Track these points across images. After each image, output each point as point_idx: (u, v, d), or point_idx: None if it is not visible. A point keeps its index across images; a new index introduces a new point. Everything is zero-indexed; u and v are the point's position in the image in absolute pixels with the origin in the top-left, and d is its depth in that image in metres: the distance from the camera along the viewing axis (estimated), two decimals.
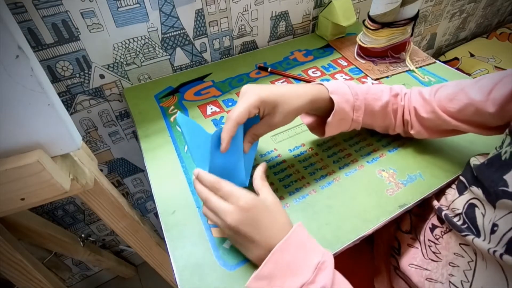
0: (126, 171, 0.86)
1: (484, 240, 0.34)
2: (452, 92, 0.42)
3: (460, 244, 0.39)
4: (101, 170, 0.80)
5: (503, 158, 0.33)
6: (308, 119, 0.49)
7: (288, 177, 0.48)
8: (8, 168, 0.33)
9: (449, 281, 0.39)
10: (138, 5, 0.59)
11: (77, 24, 0.56)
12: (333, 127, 0.45)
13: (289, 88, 0.42)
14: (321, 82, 0.45)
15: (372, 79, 0.67)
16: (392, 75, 0.68)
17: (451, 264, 0.40)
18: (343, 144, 0.52)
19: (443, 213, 0.41)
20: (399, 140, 0.53)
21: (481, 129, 0.41)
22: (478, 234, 0.35)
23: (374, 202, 0.44)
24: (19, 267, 0.53)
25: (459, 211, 0.39)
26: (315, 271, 0.32)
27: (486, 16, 1.44)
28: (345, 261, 0.55)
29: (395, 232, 0.53)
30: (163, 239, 0.43)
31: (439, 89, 0.44)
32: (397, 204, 0.44)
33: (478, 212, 0.36)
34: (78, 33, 0.57)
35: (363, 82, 0.66)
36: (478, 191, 0.37)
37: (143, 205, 1.00)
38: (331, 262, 0.33)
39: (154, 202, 0.66)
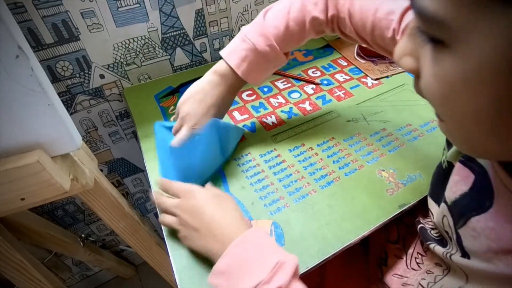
0: (126, 171, 0.86)
1: (448, 248, 0.34)
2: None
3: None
4: (101, 170, 0.80)
5: (443, 167, 0.35)
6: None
7: (288, 177, 0.48)
8: (8, 168, 0.33)
9: (419, 283, 0.40)
10: (138, 5, 0.59)
11: (77, 24, 0.56)
12: (257, 77, 0.45)
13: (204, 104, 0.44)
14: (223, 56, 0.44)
15: (372, 78, 0.67)
16: (392, 75, 0.68)
17: (427, 271, 0.40)
18: (343, 144, 0.52)
19: (419, 226, 0.42)
20: (399, 140, 0.53)
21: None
22: (446, 244, 0.35)
23: (374, 202, 0.44)
24: (19, 267, 0.53)
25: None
26: (273, 270, 0.30)
27: None
28: (340, 266, 0.55)
29: (384, 243, 0.52)
30: (163, 239, 0.43)
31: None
32: (397, 204, 0.44)
33: (432, 223, 0.38)
34: (78, 33, 0.57)
35: (363, 82, 0.66)
36: (429, 200, 0.38)
37: (143, 205, 1.00)
38: (292, 265, 0.32)
39: None
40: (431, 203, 0.38)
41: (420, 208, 0.46)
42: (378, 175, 0.47)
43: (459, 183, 0.31)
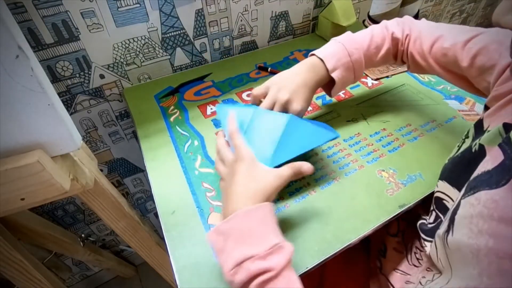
0: (126, 171, 0.86)
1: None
2: (446, 47, 0.43)
3: None
4: (101, 170, 0.80)
5: (473, 150, 0.35)
6: None
7: None
8: (8, 168, 0.33)
9: (419, 281, 0.41)
10: (138, 5, 0.59)
11: (77, 24, 0.56)
12: (338, 92, 0.51)
13: (298, 81, 0.46)
14: (320, 57, 0.48)
15: (372, 79, 0.67)
16: (392, 75, 0.68)
17: (428, 269, 0.41)
18: (343, 144, 0.52)
19: (418, 222, 0.42)
20: (399, 140, 0.53)
21: (467, 86, 0.44)
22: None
23: (374, 202, 0.44)
24: (19, 267, 0.53)
25: (432, 208, 0.41)
26: (270, 250, 0.31)
27: (486, 16, 1.44)
28: (339, 265, 0.55)
29: (383, 236, 0.53)
30: (163, 239, 0.43)
31: (436, 42, 0.45)
32: (397, 204, 0.43)
33: (449, 206, 0.37)
34: (78, 33, 0.57)
35: (363, 83, 0.66)
36: (443, 183, 0.38)
37: (143, 205, 1.00)
38: (289, 252, 0.32)
39: (154, 202, 0.66)
40: (445, 187, 0.38)
41: (421, 204, 0.46)
42: (378, 175, 0.47)
43: (486, 162, 0.31)
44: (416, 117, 0.57)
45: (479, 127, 0.36)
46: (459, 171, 0.36)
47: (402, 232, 0.50)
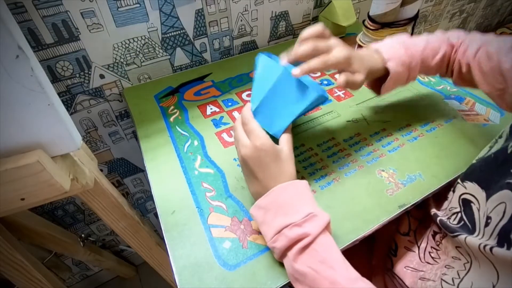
0: (126, 171, 0.86)
1: (477, 236, 0.35)
2: (491, 51, 0.42)
3: (456, 247, 0.39)
4: (101, 170, 0.80)
5: (509, 151, 0.34)
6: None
7: None
8: (8, 168, 0.33)
9: (441, 279, 0.40)
10: (138, 5, 0.59)
11: (77, 24, 0.56)
12: (388, 88, 0.48)
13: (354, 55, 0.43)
14: (377, 48, 0.47)
15: None
16: None
17: (447, 266, 0.40)
18: (343, 144, 0.52)
19: (438, 218, 0.42)
20: (399, 140, 0.53)
21: (501, 101, 0.43)
22: (473, 230, 0.36)
23: (374, 202, 0.44)
24: (19, 267, 0.53)
25: (457, 210, 0.40)
26: (304, 218, 0.34)
27: (486, 16, 1.44)
28: None
29: (394, 233, 0.53)
30: (163, 239, 0.43)
31: (482, 47, 0.44)
32: (397, 204, 0.44)
33: (474, 208, 0.37)
34: (78, 33, 0.57)
35: None
36: (472, 185, 0.38)
37: (143, 205, 1.00)
38: (323, 220, 0.35)
39: (154, 202, 0.66)
40: (474, 188, 0.37)
41: (432, 200, 0.45)
42: (378, 175, 0.47)
43: None
44: (416, 117, 0.57)
45: None
46: (491, 172, 0.35)
47: (414, 231, 0.50)
